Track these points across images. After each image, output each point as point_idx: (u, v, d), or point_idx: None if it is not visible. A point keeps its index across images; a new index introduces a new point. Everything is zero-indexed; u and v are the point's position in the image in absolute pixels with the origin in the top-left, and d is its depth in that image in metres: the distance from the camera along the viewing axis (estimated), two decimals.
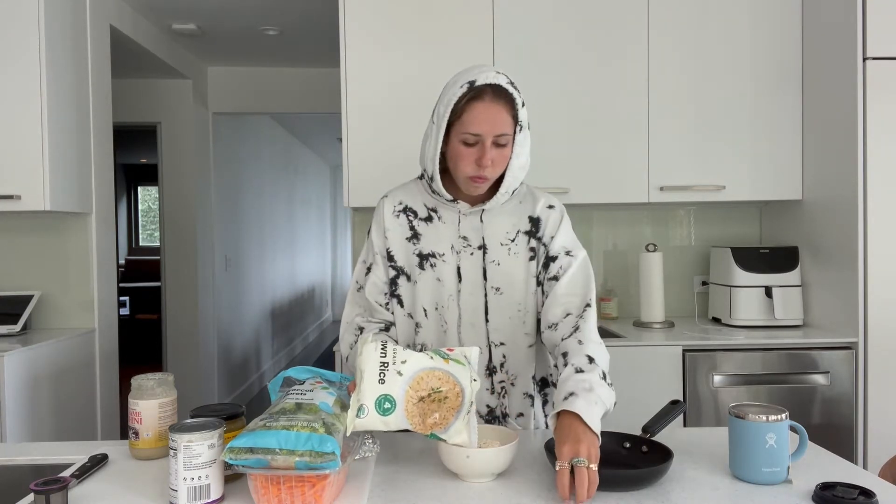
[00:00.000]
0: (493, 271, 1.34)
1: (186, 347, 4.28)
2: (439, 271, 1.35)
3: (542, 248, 1.36)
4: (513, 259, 1.35)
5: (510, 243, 1.35)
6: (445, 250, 1.35)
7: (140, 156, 8.95)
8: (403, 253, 1.38)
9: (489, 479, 1.06)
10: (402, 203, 1.40)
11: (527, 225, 1.36)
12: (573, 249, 1.36)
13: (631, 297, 2.88)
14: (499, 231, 1.35)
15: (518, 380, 1.38)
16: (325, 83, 4.59)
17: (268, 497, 0.92)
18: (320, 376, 1.13)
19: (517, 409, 1.38)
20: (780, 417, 1.03)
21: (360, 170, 2.46)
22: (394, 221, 1.39)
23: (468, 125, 1.23)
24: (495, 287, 1.35)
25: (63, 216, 2.76)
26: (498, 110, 1.23)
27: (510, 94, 1.25)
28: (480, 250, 1.35)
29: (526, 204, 1.39)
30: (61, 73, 2.54)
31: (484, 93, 1.23)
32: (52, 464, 1.18)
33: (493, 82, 1.23)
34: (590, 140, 2.53)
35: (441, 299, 1.35)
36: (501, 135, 1.24)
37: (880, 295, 2.23)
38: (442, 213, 1.37)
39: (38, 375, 2.37)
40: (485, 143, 1.24)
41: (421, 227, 1.37)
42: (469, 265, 1.35)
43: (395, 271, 1.38)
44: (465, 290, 1.35)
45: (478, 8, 2.48)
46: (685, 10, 2.52)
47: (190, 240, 4.26)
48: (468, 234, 1.35)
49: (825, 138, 2.41)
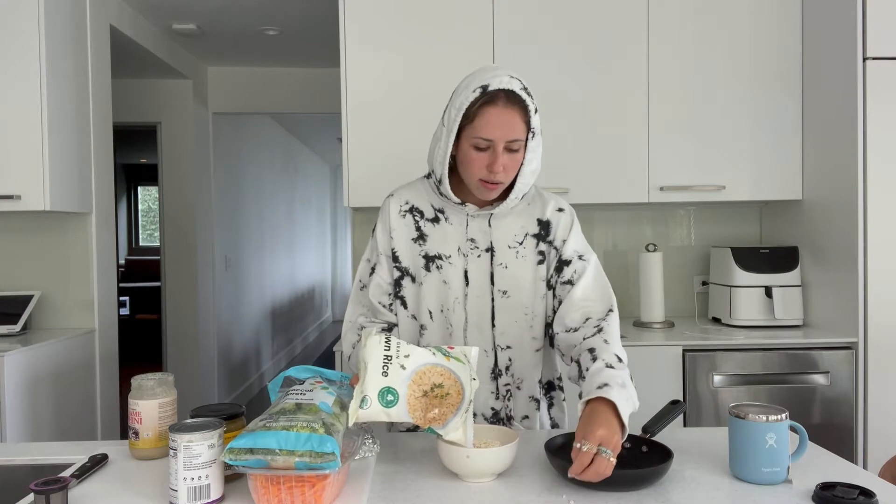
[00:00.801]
0: (500, 274, 1.33)
1: (186, 347, 4.28)
2: (446, 273, 1.33)
3: (554, 251, 1.35)
4: (521, 262, 1.34)
5: (518, 246, 1.34)
6: (452, 252, 1.33)
7: (140, 156, 8.95)
8: (409, 254, 1.35)
9: (489, 479, 1.06)
10: (408, 203, 1.37)
11: (535, 228, 1.35)
12: (585, 254, 1.35)
13: (631, 297, 2.88)
14: (507, 234, 1.34)
15: (524, 383, 1.37)
16: (325, 83, 4.59)
17: (268, 497, 0.92)
18: (320, 375, 1.13)
19: (522, 412, 1.37)
20: (780, 417, 1.03)
21: (360, 170, 2.46)
22: (399, 221, 1.36)
23: (480, 130, 1.21)
24: (502, 290, 1.33)
25: (63, 216, 2.76)
26: (511, 116, 1.22)
27: (523, 100, 1.23)
28: (488, 253, 1.33)
29: (534, 206, 1.37)
30: (61, 74, 2.54)
31: (497, 98, 1.21)
32: (52, 464, 1.18)
33: (507, 87, 1.21)
34: (590, 140, 2.53)
35: (447, 302, 1.34)
36: (514, 140, 1.23)
37: (880, 295, 2.23)
38: (449, 215, 1.35)
39: (38, 375, 2.37)
40: (497, 148, 1.22)
41: (427, 228, 1.35)
42: (476, 268, 1.33)
43: (400, 272, 1.36)
44: (472, 294, 1.33)
45: (478, 8, 2.48)
46: (685, 10, 2.52)
47: (190, 240, 4.26)
48: (476, 236, 1.33)
49: (825, 138, 2.41)
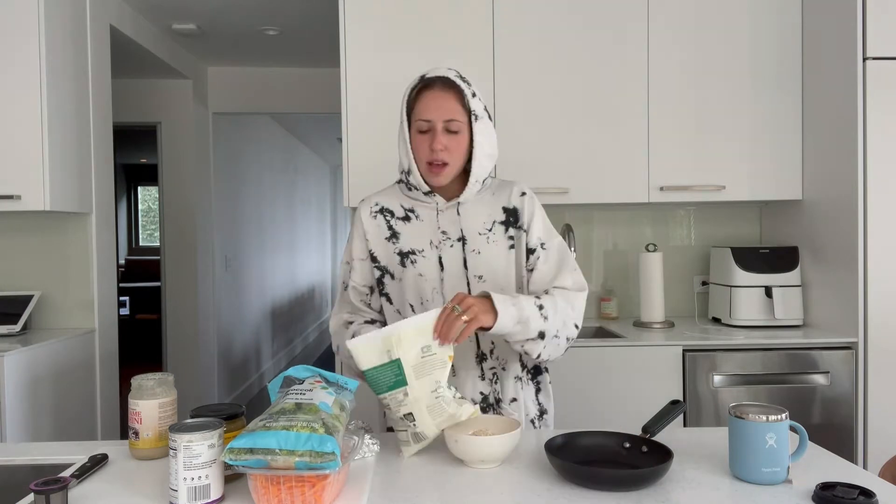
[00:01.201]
0: (474, 260, 1.38)
1: (186, 347, 4.28)
2: (421, 267, 1.39)
3: (524, 235, 1.41)
4: (493, 247, 1.40)
5: (488, 233, 1.40)
6: (425, 246, 1.40)
7: (140, 156, 8.95)
8: (384, 252, 1.42)
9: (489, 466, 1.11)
10: (378, 204, 1.45)
11: (502, 215, 1.42)
12: (547, 241, 1.42)
13: (631, 297, 2.88)
14: (476, 222, 1.40)
15: (508, 364, 1.41)
16: (325, 83, 4.59)
17: (268, 497, 0.92)
18: (319, 375, 1.13)
19: (510, 394, 1.41)
20: (780, 417, 1.03)
21: (360, 170, 2.46)
22: (371, 223, 1.44)
23: (420, 112, 1.34)
24: (478, 276, 1.38)
25: (63, 216, 2.76)
26: (446, 98, 1.34)
27: (458, 84, 1.35)
28: (460, 242, 1.39)
29: (499, 195, 1.44)
30: (61, 74, 2.54)
31: (434, 83, 1.35)
32: (52, 464, 1.18)
33: (443, 75, 1.35)
34: (590, 140, 2.53)
35: (424, 293, 1.39)
36: (451, 120, 1.33)
37: (880, 295, 2.23)
38: (419, 212, 1.42)
39: (38, 375, 2.37)
40: (436, 127, 1.33)
41: (399, 227, 1.42)
42: (450, 256, 1.39)
43: (381, 271, 1.43)
44: (447, 282, 1.38)
45: (478, 9, 2.48)
46: (685, 10, 2.52)
47: (190, 240, 4.26)
48: (447, 228, 1.40)
49: (825, 138, 2.41)
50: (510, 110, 2.51)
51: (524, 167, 2.50)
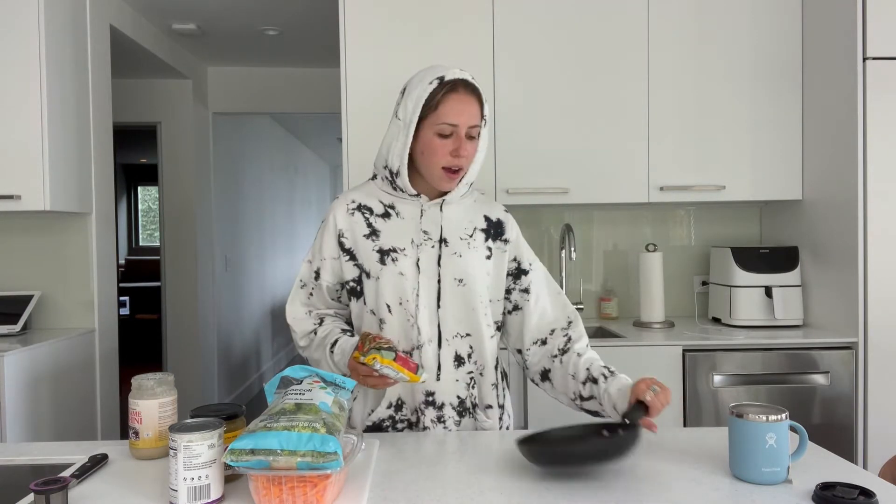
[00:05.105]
0: (455, 262, 1.37)
1: (186, 347, 4.28)
2: (401, 265, 1.35)
3: (509, 253, 1.43)
4: (473, 252, 1.39)
5: (469, 238, 1.39)
6: (406, 245, 1.37)
7: (140, 156, 8.95)
8: (363, 250, 1.38)
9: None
10: (355, 202, 1.41)
11: (483, 223, 1.42)
12: (534, 262, 1.45)
13: (631, 297, 2.88)
14: (457, 226, 1.40)
15: (485, 370, 1.41)
16: (325, 83, 4.59)
17: (269, 497, 0.92)
18: (317, 375, 1.13)
19: (486, 400, 1.41)
20: (780, 417, 1.03)
21: (360, 170, 2.46)
22: (349, 220, 1.39)
23: (446, 116, 1.29)
24: (458, 279, 1.36)
25: (63, 216, 2.76)
26: (471, 102, 1.31)
27: (477, 88, 1.33)
28: (440, 243, 1.37)
29: (480, 203, 1.45)
30: (61, 74, 2.54)
31: (458, 86, 1.30)
32: (52, 464, 1.18)
33: (463, 77, 1.32)
34: (590, 140, 2.53)
35: (404, 293, 1.35)
36: (474, 126, 1.32)
37: (880, 295, 2.23)
38: (400, 209, 1.39)
39: (38, 375, 2.37)
40: (460, 133, 1.31)
41: (379, 224, 1.38)
42: (429, 258, 1.36)
43: (359, 270, 1.39)
44: (423, 283, 1.35)
45: (477, 9, 2.48)
46: (685, 10, 2.52)
47: (190, 240, 4.26)
48: (429, 228, 1.38)
49: (825, 138, 2.41)
50: (510, 110, 2.51)
51: (524, 167, 2.51)
